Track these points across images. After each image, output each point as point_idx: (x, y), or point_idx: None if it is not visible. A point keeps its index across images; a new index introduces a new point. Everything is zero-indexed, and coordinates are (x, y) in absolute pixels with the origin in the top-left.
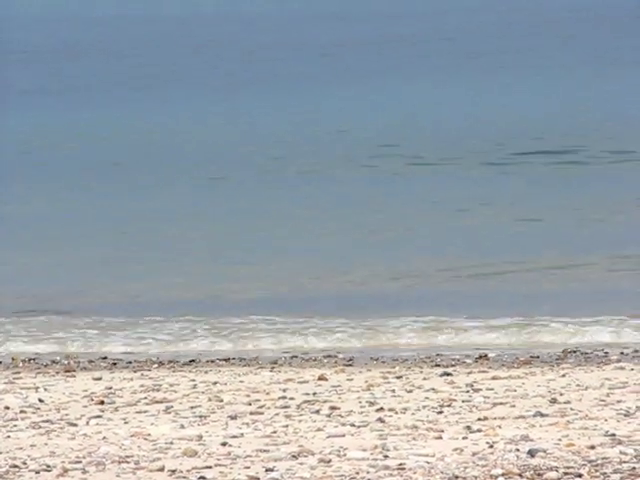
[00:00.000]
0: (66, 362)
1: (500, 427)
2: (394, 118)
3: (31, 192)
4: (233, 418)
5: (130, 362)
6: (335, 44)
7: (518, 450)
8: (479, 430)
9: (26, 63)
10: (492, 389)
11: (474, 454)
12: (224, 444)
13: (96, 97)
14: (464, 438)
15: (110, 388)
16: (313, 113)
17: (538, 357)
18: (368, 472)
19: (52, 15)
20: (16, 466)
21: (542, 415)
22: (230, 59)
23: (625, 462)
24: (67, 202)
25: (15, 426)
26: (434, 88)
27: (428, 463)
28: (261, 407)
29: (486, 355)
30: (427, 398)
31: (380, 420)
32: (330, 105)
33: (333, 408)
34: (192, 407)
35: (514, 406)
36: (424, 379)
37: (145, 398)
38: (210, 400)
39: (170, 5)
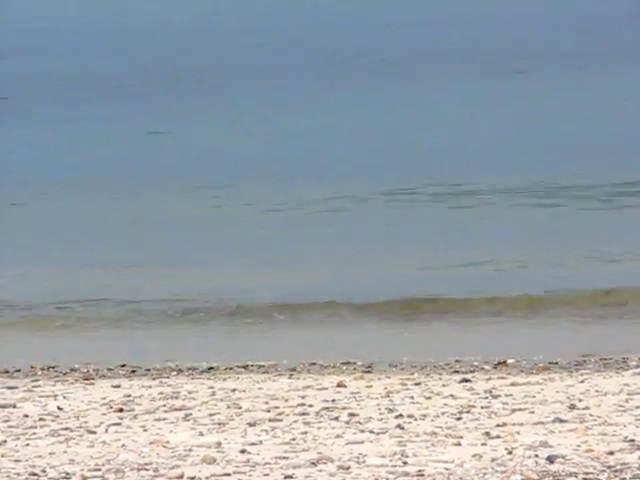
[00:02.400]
0: (85, 370)
1: (519, 433)
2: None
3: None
4: (252, 425)
5: (149, 369)
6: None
7: (537, 456)
8: (498, 436)
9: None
10: (511, 395)
11: (493, 460)
12: (243, 451)
13: (95, 102)
14: (483, 444)
15: (129, 396)
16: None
17: (557, 363)
18: (387, 479)
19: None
20: (35, 474)
21: (561, 421)
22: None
23: None
24: (65, 205)
25: (34, 434)
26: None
27: (447, 469)
28: (280, 414)
29: (505, 361)
30: (446, 404)
31: (399, 427)
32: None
33: (352, 415)
34: (211, 414)
35: (533, 412)
36: (443, 385)
37: (164, 405)
38: (229, 407)
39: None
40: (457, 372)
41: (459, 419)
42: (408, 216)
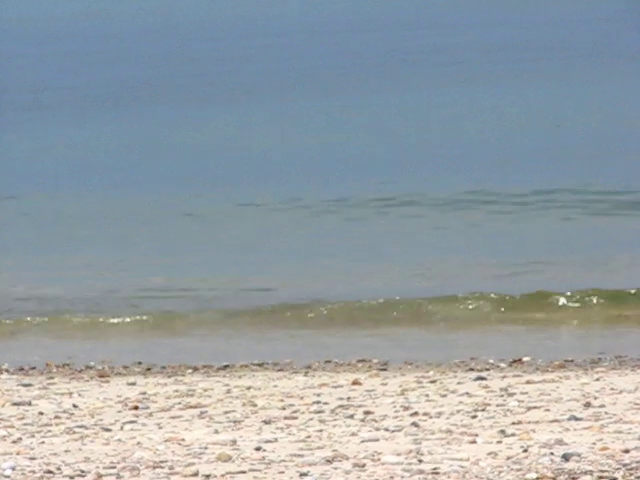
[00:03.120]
0: (100, 367)
1: (534, 431)
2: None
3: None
4: (267, 423)
5: (164, 367)
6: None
7: (552, 454)
8: (513, 434)
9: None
10: (526, 393)
11: (508, 458)
12: (258, 449)
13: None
14: (498, 442)
15: (144, 393)
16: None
17: (572, 361)
18: (402, 476)
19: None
20: (50, 472)
21: (576, 419)
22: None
23: None
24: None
25: (49, 432)
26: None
27: (462, 467)
28: (295, 412)
29: (520, 359)
30: (461, 402)
31: (414, 424)
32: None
33: (367, 413)
34: (226, 412)
35: (548, 410)
36: (458, 383)
37: (179, 403)
38: (244, 405)
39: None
40: (472, 370)
41: (474, 417)
42: (412, 217)
